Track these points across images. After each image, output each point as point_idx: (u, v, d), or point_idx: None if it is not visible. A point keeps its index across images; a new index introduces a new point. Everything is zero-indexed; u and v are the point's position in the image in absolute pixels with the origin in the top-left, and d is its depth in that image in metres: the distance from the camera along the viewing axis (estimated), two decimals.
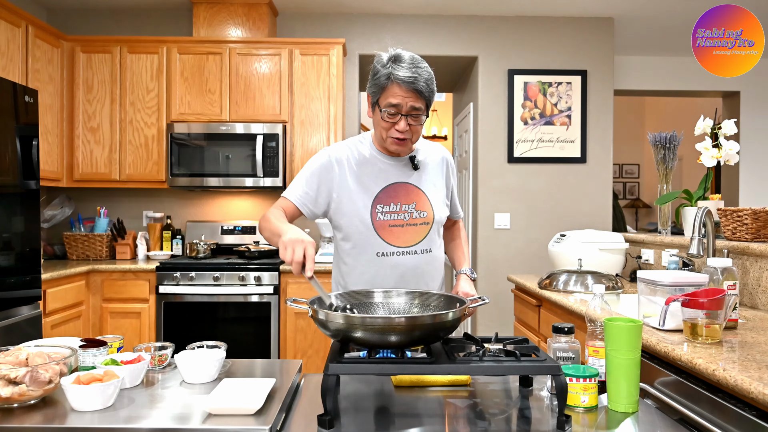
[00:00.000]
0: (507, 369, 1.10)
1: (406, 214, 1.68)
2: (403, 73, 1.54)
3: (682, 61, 5.02)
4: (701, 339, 1.48)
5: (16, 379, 1.09)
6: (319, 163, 1.70)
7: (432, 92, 1.59)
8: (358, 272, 1.70)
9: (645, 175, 7.89)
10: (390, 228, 1.67)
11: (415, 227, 1.69)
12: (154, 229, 3.91)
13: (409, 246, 1.68)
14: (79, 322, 3.30)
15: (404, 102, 1.55)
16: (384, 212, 1.67)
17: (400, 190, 1.70)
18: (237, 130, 3.68)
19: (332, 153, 1.71)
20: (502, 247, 4.22)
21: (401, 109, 1.56)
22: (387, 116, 1.58)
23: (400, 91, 1.55)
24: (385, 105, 1.57)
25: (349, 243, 1.71)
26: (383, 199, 1.68)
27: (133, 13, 4.16)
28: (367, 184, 1.68)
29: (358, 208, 1.67)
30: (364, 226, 1.66)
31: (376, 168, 1.70)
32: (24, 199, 2.72)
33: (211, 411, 1.06)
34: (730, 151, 2.42)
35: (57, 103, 3.66)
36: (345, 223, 1.69)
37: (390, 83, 1.55)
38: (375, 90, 1.60)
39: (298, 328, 3.45)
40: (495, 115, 4.23)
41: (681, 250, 2.57)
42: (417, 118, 1.59)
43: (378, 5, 4.08)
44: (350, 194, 1.68)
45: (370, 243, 1.67)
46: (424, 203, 1.71)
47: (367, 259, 1.68)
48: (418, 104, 1.57)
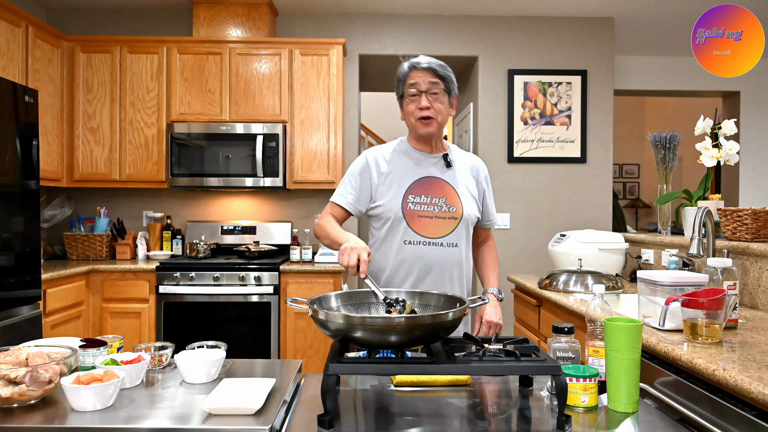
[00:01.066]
0: (507, 369, 1.10)
1: (435, 207, 1.78)
2: (418, 60, 1.76)
3: (682, 61, 5.02)
4: (701, 339, 1.48)
5: (16, 379, 1.09)
6: (359, 166, 1.85)
7: (448, 75, 1.75)
8: (385, 259, 1.79)
9: (645, 175, 7.89)
10: (419, 218, 1.76)
11: (443, 220, 1.78)
12: (154, 229, 3.91)
13: (436, 237, 1.77)
14: (79, 322, 3.30)
15: (422, 80, 1.72)
16: (415, 202, 1.77)
17: (432, 183, 1.80)
18: (237, 130, 3.68)
19: (369, 155, 1.86)
20: (502, 247, 4.22)
21: (420, 87, 1.72)
22: (410, 98, 1.75)
23: (416, 73, 1.74)
24: (407, 87, 1.75)
25: (381, 231, 1.81)
26: (415, 190, 1.78)
27: (133, 13, 4.16)
28: (402, 176, 1.80)
29: (391, 197, 1.78)
30: (394, 214, 1.76)
31: (411, 162, 1.83)
32: (24, 199, 2.72)
33: (211, 411, 1.06)
34: (730, 151, 2.42)
35: (57, 103, 3.66)
36: (379, 212, 1.80)
37: (409, 71, 1.75)
38: (399, 84, 1.79)
39: (298, 328, 3.45)
40: (495, 115, 4.23)
41: (681, 250, 2.57)
42: (436, 95, 1.74)
43: (378, 5, 4.08)
44: (386, 185, 1.80)
45: (399, 231, 1.77)
46: (454, 199, 1.80)
47: (395, 246, 1.77)
48: (435, 80, 1.73)
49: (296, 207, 4.14)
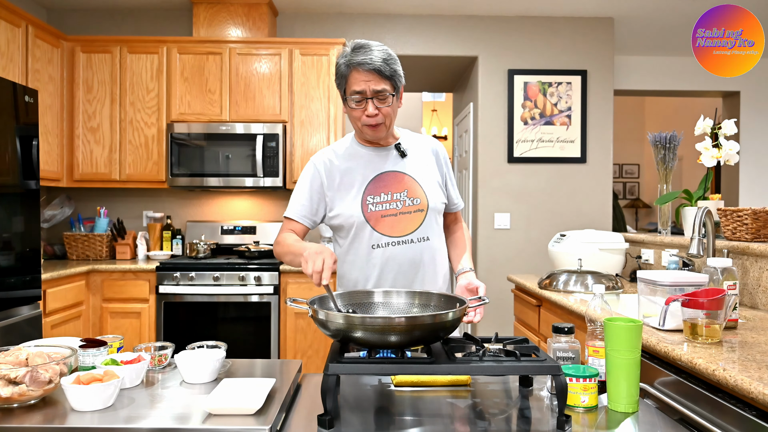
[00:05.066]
0: (507, 369, 1.10)
1: (398, 203, 1.65)
2: (359, 58, 1.55)
3: (682, 61, 5.02)
4: (701, 339, 1.48)
5: (16, 379, 1.09)
6: (308, 175, 1.71)
7: (394, 71, 1.58)
8: (357, 268, 1.67)
9: (645, 175, 7.89)
10: (383, 218, 1.64)
11: (409, 215, 1.65)
12: (154, 229, 3.91)
13: (405, 235, 1.65)
14: (79, 322, 3.30)
15: (367, 86, 1.55)
16: (375, 203, 1.64)
17: (390, 178, 1.67)
18: (237, 130, 3.68)
19: (316, 160, 1.72)
20: (502, 247, 4.22)
21: (365, 94, 1.56)
22: (354, 104, 1.59)
23: (359, 75, 1.55)
24: (351, 93, 1.58)
25: (346, 240, 1.69)
26: (373, 190, 1.65)
27: (133, 13, 4.16)
28: (355, 178, 1.67)
29: (349, 202, 1.65)
30: (356, 220, 1.64)
31: (362, 161, 1.69)
32: (24, 199, 2.72)
33: (211, 411, 1.06)
34: (730, 151, 2.42)
35: (57, 103, 3.65)
36: (339, 222, 1.68)
37: (350, 71, 1.57)
38: (340, 82, 1.61)
39: (298, 328, 3.45)
40: (495, 115, 4.23)
41: (681, 250, 2.57)
42: (383, 100, 1.58)
43: (378, 5, 4.08)
44: (340, 192, 1.67)
45: (364, 236, 1.64)
46: (416, 190, 1.67)
47: (363, 253, 1.65)
48: (381, 86, 1.56)
49: None
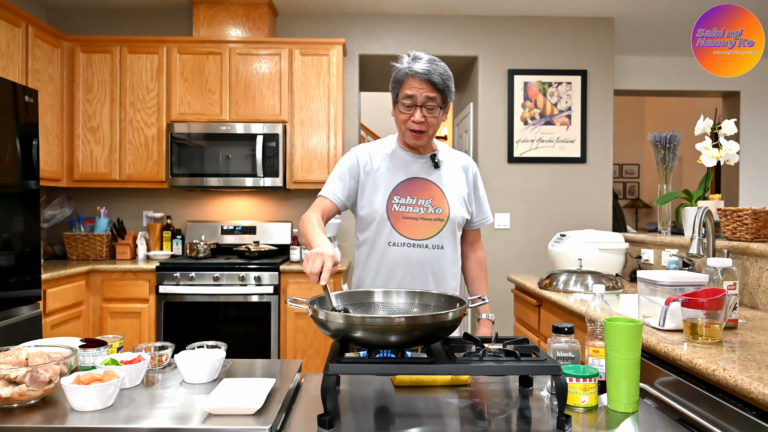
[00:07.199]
0: (507, 369, 1.10)
1: (421, 208, 1.75)
2: (418, 67, 1.66)
3: (682, 61, 5.02)
4: (701, 339, 1.48)
5: (16, 379, 1.09)
6: (347, 161, 1.81)
7: (447, 87, 1.68)
8: (371, 261, 1.77)
9: (645, 175, 7.89)
10: (404, 219, 1.74)
11: (428, 222, 1.75)
12: (154, 229, 3.91)
13: (421, 239, 1.74)
14: (79, 322, 3.30)
15: (419, 93, 1.66)
16: (400, 203, 1.74)
17: (419, 184, 1.77)
18: (237, 130, 3.68)
19: (357, 151, 1.83)
20: (502, 247, 4.22)
21: (416, 100, 1.66)
22: (404, 108, 1.69)
23: (415, 83, 1.66)
24: (403, 97, 1.68)
25: (366, 233, 1.78)
26: (401, 191, 1.76)
27: (133, 13, 4.16)
28: (388, 176, 1.77)
29: (377, 197, 1.75)
30: (379, 215, 1.73)
31: (398, 162, 1.80)
32: (24, 199, 2.72)
33: (211, 411, 1.06)
34: (730, 151, 2.42)
35: (57, 103, 3.66)
36: (364, 213, 1.77)
37: (407, 77, 1.68)
38: (394, 85, 1.72)
39: (298, 328, 3.45)
40: (495, 115, 4.23)
41: (681, 250, 2.57)
42: (432, 110, 1.68)
43: (378, 5, 4.07)
44: (372, 185, 1.77)
45: (384, 232, 1.74)
46: (441, 200, 1.77)
47: (379, 247, 1.75)
48: (433, 94, 1.66)
49: (296, 207, 4.14)
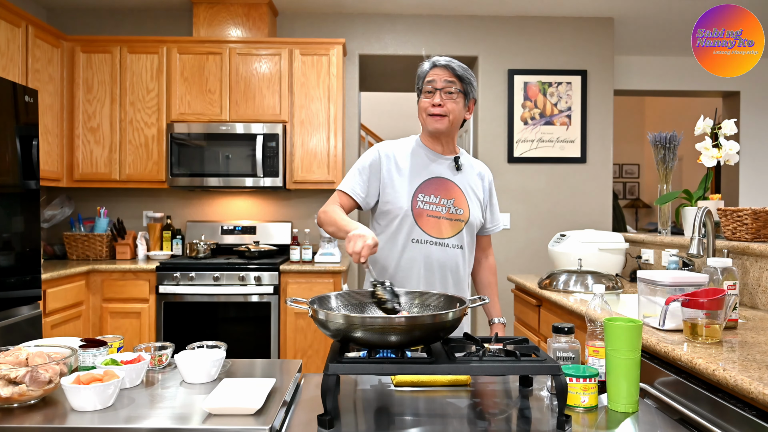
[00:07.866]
0: (507, 369, 1.10)
1: (444, 207, 1.79)
2: (439, 59, 1.77)
3: (682, 61, 5.02)
4: (701, 339, 1.48)
5: (16, 379, 1.09)
6: (370, 158, 1.83)
7: (468, 76, 1.77)
8: (391, 256, 1.79)
9: (645, 175, 7.89)
10: (427, 217, 1.77)
11: (449, 221, 1.79)
12: (154, 229, 3.91)
13: (443, 238, 1.78)
14: (79, 322, 3.30)
15: (439, 78, 1.74)
16: (424, 201, 1.78)
17: (442, 184, 1.81)
18: (237, 130, 3.68)
19: (380, 148, 1.85)
20: (501, 247, 4.22)
21: (436, 84, 1.74)
22: (425, 94, 1.77)
23: (437, 70, 1.76)
24: (425, 84, 1.77)
25: (388, 228, 1.80)
26: (425, 190, 1.79)
27: (133, 13, 4.16)
28: (412, 174, 1.80)
29: (401, 194, 1.78)
30: (404, 212, 1.76)
31: (422, 161, 1.83)
32: (24, 199, 2.72)
33: (211, 411, 1.06)
34: (730, 151, 2.42)
35: (57, 103, 3.65)
36: (387, 208, 1.79)
37: (430, 68, 1.77)
38: (419, 81, 1.80)
39: (298, 328, 3.45)
40: (495, 115, 4.23)
41: (681, 250, 2.57)
42: (451, 94, 1.74)
43: (378, 5, 4.07)
44: (396, 182, 1.79)
45: (407, 228, 1.77)
46: (462, 202, 1.82)
47: (401, 243, 1.77)
48: (452, 79, 1.74)
49: (296, 207, 4.14)
